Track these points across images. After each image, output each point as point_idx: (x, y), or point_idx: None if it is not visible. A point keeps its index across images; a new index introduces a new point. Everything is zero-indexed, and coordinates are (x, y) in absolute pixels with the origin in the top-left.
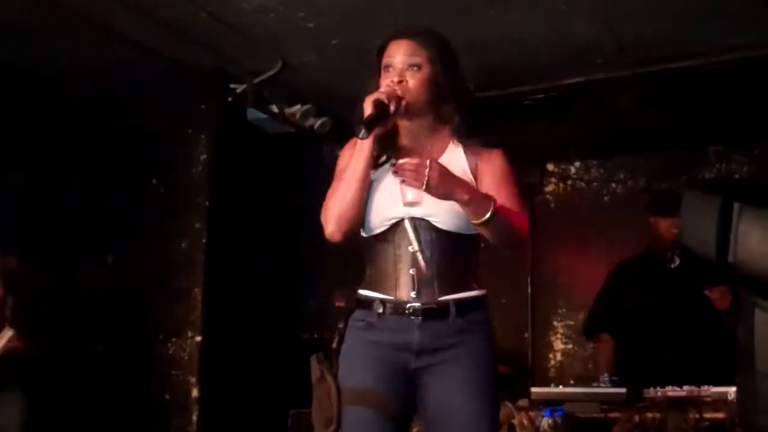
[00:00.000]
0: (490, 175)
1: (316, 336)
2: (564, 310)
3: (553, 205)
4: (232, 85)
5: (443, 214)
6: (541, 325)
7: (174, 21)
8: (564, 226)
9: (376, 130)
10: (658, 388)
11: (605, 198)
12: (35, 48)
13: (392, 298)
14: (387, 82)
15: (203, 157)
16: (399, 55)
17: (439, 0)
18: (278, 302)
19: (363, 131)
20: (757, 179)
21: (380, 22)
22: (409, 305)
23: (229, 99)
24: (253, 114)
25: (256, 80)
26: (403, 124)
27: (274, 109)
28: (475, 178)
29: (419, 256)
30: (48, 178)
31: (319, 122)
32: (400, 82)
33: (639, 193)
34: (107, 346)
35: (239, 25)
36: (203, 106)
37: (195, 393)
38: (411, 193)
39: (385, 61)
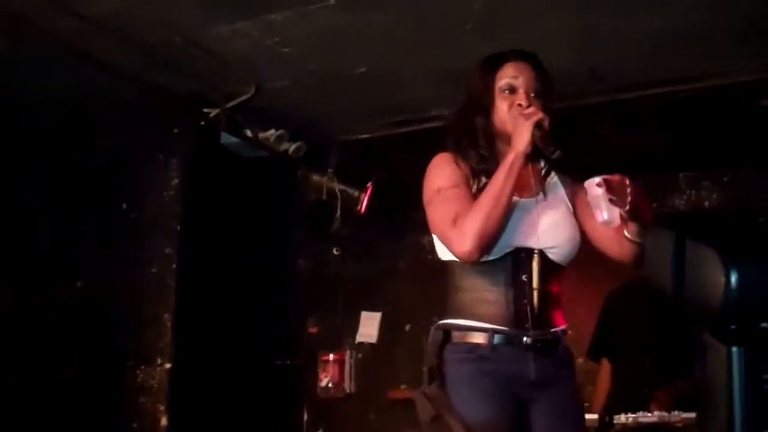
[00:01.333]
0: (586, 204)
1: (288, 362)
2: None
3: None
4: (205, 110)
5: (564, 245)
6: None
7: (148, 45)
8: None
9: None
10: (629, 414)
11: None
12: (5, 70)
13: (506, 329)
14: (522, 106)
15: (175, 181)
16: (522, 78)
17: (414, 28)
18: (250, 328)
19: (557, 151)
20: (726, 206)
21: (354, 49)
22: (525, 337)
23: (203, 123)
24: (227, 138)
25: (230, 104)
26: (507, 149)
27: (248, 133)
28: (573, 205)
29: (536, 287)
30: (18, 201)
31: (293, 147)
32: (528, 106)
33: None
34: (75, 371)
35: (213, 50)
36: (176, 130)
37: (164, 421)
38: (607, 212)
39: (505, 82)
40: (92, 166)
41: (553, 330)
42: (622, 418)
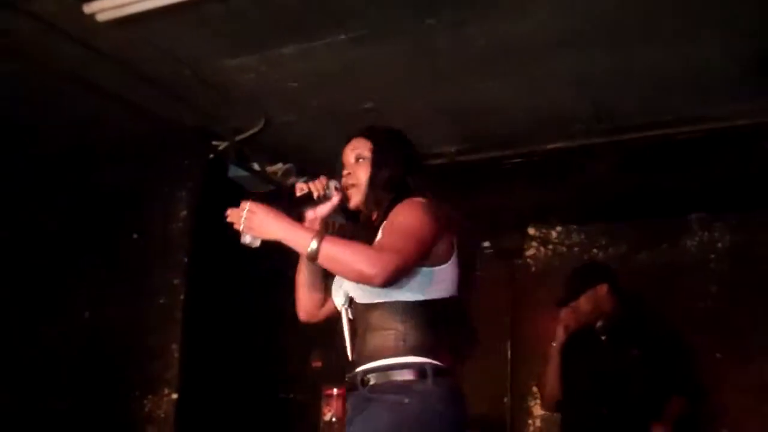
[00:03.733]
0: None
1: (292, 396)
2: None
3: (533, 269)
4: (213, 142)
5: (352, 288)
6: (520, 391)
7: (157, 77)
8: (544, 290)
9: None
10: None
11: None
12: (18, 100)
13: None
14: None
15: (183, 213)
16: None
17: (421, 65)
18: (256, 361)
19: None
20: (738, 248)
21: (361, 84)
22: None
23: (211, 156)
24: (235, 171)
25: (238, 138)
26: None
27: (256, 167)
28: None
29: (354, 332)
30: (24, 230)
31: (300, 181)
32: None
33: (621, 259)
34: (82, 402)
35: (222, 83)
36: (185, 163)
37: None
38: (246, 237)
39: None
40: (100, 196)
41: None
42: None
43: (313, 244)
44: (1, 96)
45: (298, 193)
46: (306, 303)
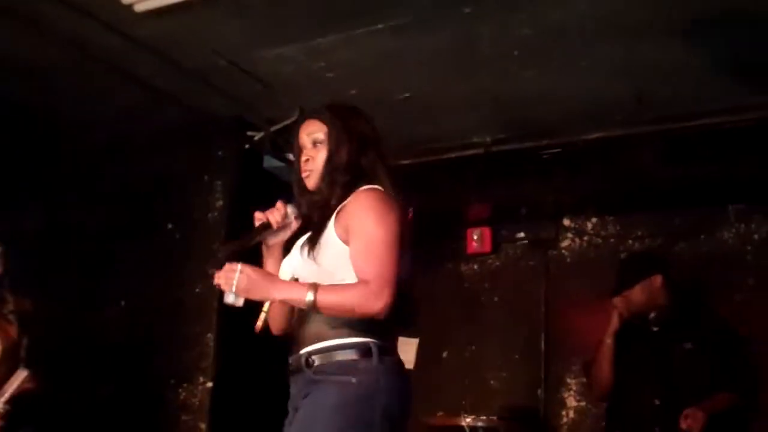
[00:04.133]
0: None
1: None
2: (577, 367)
3: (568, 260)
4: (249, 133)
5: (299, 267)
6: (554, 382)
7: (194, 68)
8: (579, 281)
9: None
10: None
11: (622, 255)
12: (56, 91)
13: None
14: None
15: (219, 203)
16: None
17: (461, 54)
18: (290, 350)
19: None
20: None
21: (398, 74)
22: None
23: (247, 146)
24: (270, 162)
25: (274, 128)
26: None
27: (291, 157)
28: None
29: (300, 317)
30: (64, 221)
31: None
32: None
33: (657, 251)
34: (118, 388)
35: (258, 74)
36: (220, 153)
37: None
38: (230, 297)
39: None
40: (137, 186)
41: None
42: None
43: (309, 296)
44: (39, 87)
45: (256, 223)
46: (280, 319)
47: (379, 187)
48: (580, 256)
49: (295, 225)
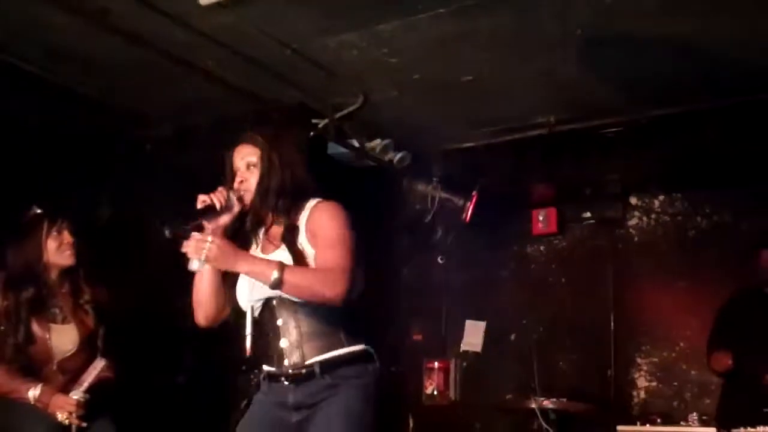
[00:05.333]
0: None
1: (393, 369)
2: (648, 347)
3: (636, 239)
4: (313, 120)
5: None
6: (623, 363)
7: (258, 57)
8: (647, 260)
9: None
10: (748, 428)
11: (690, 233)
12: (121, 83)
13: (274, 369)
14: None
15: None
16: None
17: (522, 35)
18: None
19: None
20: None
21: (460, 57)
22: (283, 373)
23: (311, 133)
24: (334, 148)
25: (338, 115)
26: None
27: (355, 143)
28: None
29: (284, 328)
30: (133, 211)
31: (398, 156)
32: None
33: (725, 228)
34: (192, 377)
35: (322, 62)
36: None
37: None
38: (194, 264)
39: None
40: (203, 177)
41: (309, 362)
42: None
43: (275, 274)
44: (107, 83)
45: (200, 205)
46: (209, 309)
47: (335, 203)
48: (648, 234)
49: (236, 208)
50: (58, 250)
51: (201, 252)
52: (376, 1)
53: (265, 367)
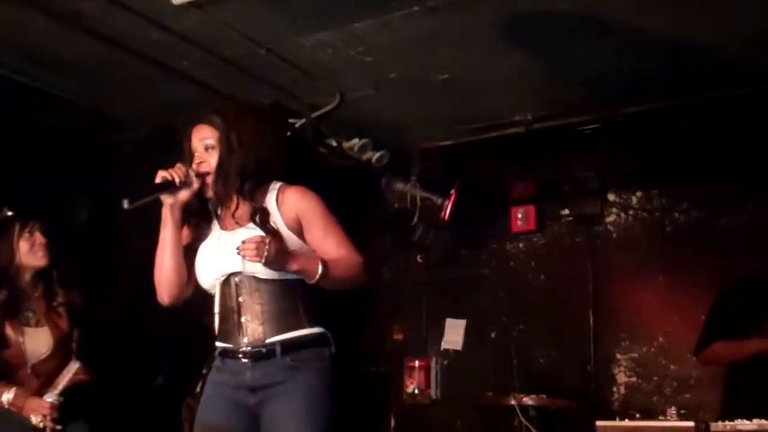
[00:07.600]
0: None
1: (373, 369)
2: (627, 342)
3: (614, 235)
4: (290, 120)
5: (262, 267)
6: (603, 358)
7: (233, 57)
8: (626, 256)
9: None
10: (726, 422)
11: (668, 228)
12: (97, 85)
13: (231, 346)
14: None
15: None
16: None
17: (497, 33)
18: (337, 336)
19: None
20: None
21: (436, 55)
22: (241, 350)
23: (288, 134)
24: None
25: (315, 114)
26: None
27: (333, 143)
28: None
29: (246, 305)
30: (110, 214)
31: (376, 155)
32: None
33: (703, 224)
34: (169, 379)
35: (297, 61)
36: None
37: None
38: (250, 266)
39: None
40: None
41: (270, 341)
42: (719, 426)
43: (321, 269)
44: (81, 82)
45: (159, 180)
46: (171, 287)
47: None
48: (626, 230)
49: (196, 185)
50: (30, 251)
51: (262, 254)
52: (349, 1)
53: (221, 344)
